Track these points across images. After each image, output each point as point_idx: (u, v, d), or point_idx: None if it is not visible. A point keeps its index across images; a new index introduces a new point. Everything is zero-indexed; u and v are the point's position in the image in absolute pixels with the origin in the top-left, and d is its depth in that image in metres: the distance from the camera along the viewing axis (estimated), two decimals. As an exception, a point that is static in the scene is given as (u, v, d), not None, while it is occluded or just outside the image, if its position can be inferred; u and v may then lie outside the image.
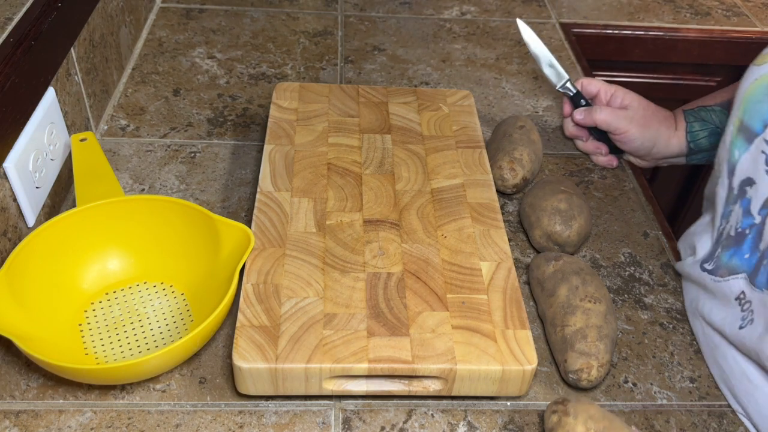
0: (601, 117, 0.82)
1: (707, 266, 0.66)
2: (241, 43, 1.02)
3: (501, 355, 0.57)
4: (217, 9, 1.08)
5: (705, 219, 0.71)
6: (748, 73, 0.65)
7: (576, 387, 0.61)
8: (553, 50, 1.06)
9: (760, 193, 0.60)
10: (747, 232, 0.61)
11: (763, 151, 0.60)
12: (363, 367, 0.56)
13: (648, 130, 0.81)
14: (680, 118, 0.82)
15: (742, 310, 0.60)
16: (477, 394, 0.58)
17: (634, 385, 0.63)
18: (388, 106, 0.83)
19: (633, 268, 0.73)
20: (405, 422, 0.58)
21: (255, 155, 0.83)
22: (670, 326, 0.68)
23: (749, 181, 0.61)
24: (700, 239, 0.69)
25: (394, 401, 0.60)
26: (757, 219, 0.61)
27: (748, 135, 0.62)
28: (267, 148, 0.75)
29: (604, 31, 1.14)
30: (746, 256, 0.61)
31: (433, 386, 0.58)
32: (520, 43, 1.07)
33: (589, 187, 0.82)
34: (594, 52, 1.13)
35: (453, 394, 0.58)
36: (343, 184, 0.72)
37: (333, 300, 0.60)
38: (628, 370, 0.64)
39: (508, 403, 0.60)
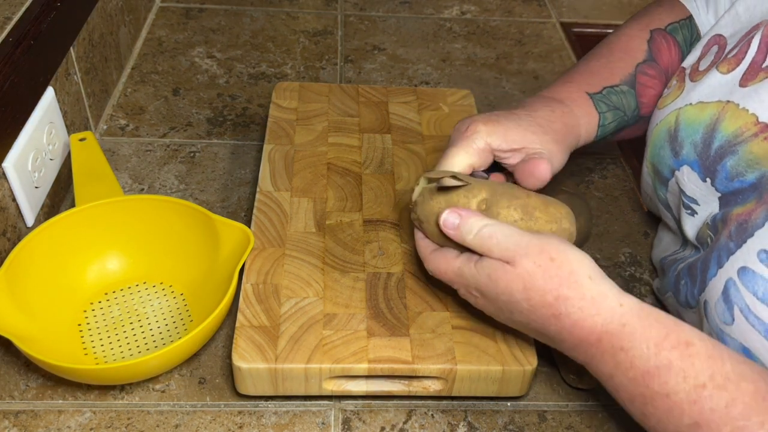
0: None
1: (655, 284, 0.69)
2: (240, 43, 1.01)
3: (501, 356, 0.57)
4: (216, 8, 1.08)
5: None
6: (653, 116, 0.66)
7: (576, 387, 0.61)
8: (553, 50, 1.06)
9: (686, 229, 0.62)
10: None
11: (680, 194, 0.62)
12: (363, 367, 0.56)
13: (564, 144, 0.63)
14: (585, 103, 0.66)
15: None
16: (477, 394, 0.58)
17: (635, 385, 0.63)
18: (388, 105, 0.83)
19: (633, 268, 0.73)
20: (405, 422, 0.58)
21: (254, 155, 0.83)
22: (671, 326, 0.68)
23: (678, 220, 0.64)
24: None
25: (394, 401, 0.60)
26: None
27: (661, 178, 0.64)
28: (267, 147, 0.75)
29: (604, 30, 1.14)
30: (668, 276, 0.64)
31: (433, 386, 0.58)
32: (521, 42, 1.07)
33: (589, 187, 0.82)
34: (594, 51, 1.13)
35: (453, 394, 0.58)
36: (343, 183, 0.72)
37: (333, 300, 0.60)
38: (628, 371, 0.64)
39: (509, 404, 0.60)
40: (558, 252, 0.50)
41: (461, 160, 0.58)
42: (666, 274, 0.65)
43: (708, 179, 0.58)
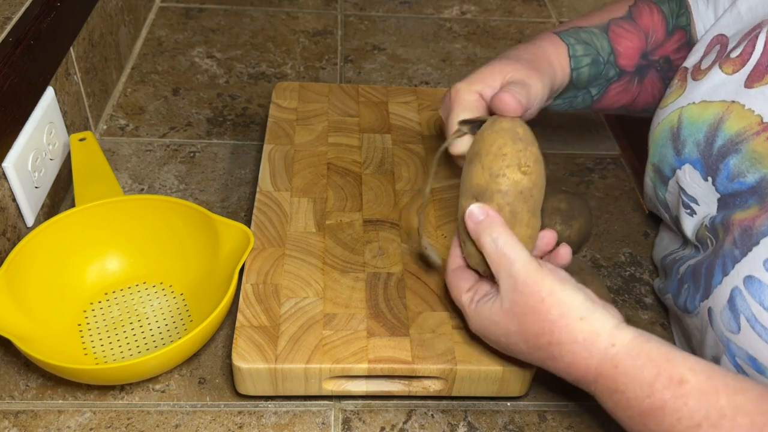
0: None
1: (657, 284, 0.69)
2: (240, 43, 1.01)
3: (501, 355, 0.57)
4: (216, 8, 1.08)
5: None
6: (655, 116, 0.66)
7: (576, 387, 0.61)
8: (553, 50, 1.06)
9: (684, 228, 0.62)
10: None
11: (679, 193, 0.62)
12: (363, 367, 0.56)
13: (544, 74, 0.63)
14: (551, 37, 0.66)
15: None
16: (477, 394, 0.58)
17: (635, 385, 0.63)
18: (388, 105, 0.83)
19: (633, 268, 0.73)
20: (405, 422, 0.58)
21: (254, 155, 0.83)
22: (671, 327, 0.68)
23: (676, 219, 0.64)
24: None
25: (394, 401, 0.60)
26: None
27: (662, 177, 0.64)
28: (266, 147, 0.75)
29: (604, 30, 1.14)
30: (671, 278, 0.64)
31: (433, 386, 0.58)
32: (521, 42, 1.07)
33: (589, 187, 0.82)
34: (594, 51, 1.13)
35: (453, 394, 0.58)
36: (343, 183, 0.72)
37: (333, 300, 0.60)
38: (628, 371, 0.64)
39: (509, 404, 0.60)
40: (549, 293, 0.50)
41: (464, 117, 0.58)
42: (669, 275, 0.65)
43: (709, 178, 0.58)
